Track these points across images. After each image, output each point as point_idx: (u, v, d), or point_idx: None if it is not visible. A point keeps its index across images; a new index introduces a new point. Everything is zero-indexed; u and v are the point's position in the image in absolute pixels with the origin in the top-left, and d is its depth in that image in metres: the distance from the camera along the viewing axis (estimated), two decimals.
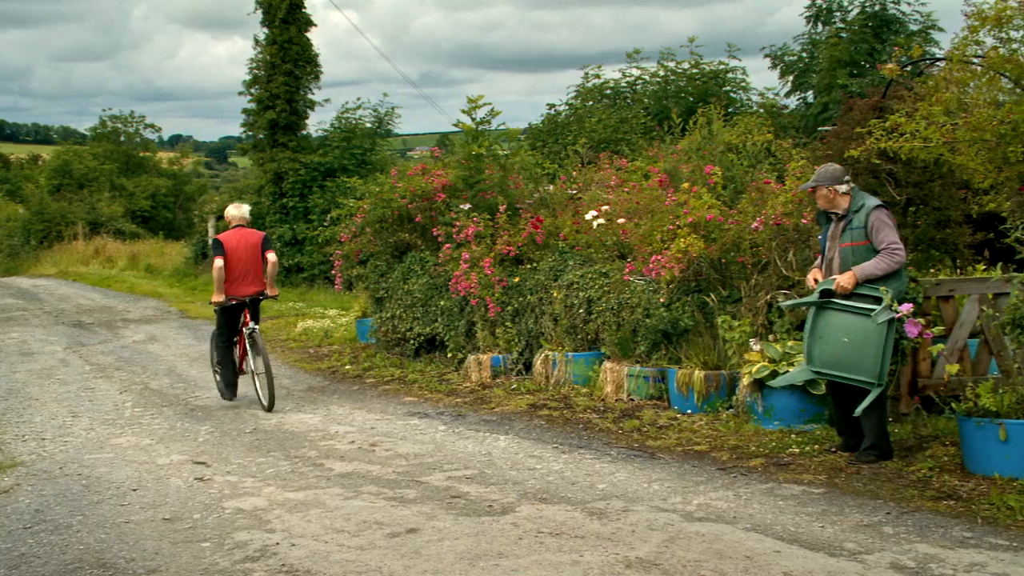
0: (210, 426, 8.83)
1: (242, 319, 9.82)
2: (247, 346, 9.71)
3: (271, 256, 9.78)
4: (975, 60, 6.87)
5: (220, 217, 26.20)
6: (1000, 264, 8.15)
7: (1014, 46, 6.63)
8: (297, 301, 19.04)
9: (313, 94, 23.74)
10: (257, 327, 9.66)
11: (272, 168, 23.05)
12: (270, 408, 9.39)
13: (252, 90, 23.50)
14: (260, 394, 9.63)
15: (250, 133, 24.24)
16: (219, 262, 9.62)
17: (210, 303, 9.91)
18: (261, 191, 23.90)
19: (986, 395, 6.46)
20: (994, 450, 6.31)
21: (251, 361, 9.73)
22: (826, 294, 6.80)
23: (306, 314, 16.84)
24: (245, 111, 23.89)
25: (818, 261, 7.22)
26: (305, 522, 5.91)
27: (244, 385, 10.12)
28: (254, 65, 23.45)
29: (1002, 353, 7.54)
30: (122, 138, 43.88)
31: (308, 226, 21.74)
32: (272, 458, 7.61)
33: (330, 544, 5.48)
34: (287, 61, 22.88)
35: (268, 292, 9.83)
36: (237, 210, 10.10)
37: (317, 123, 35.75)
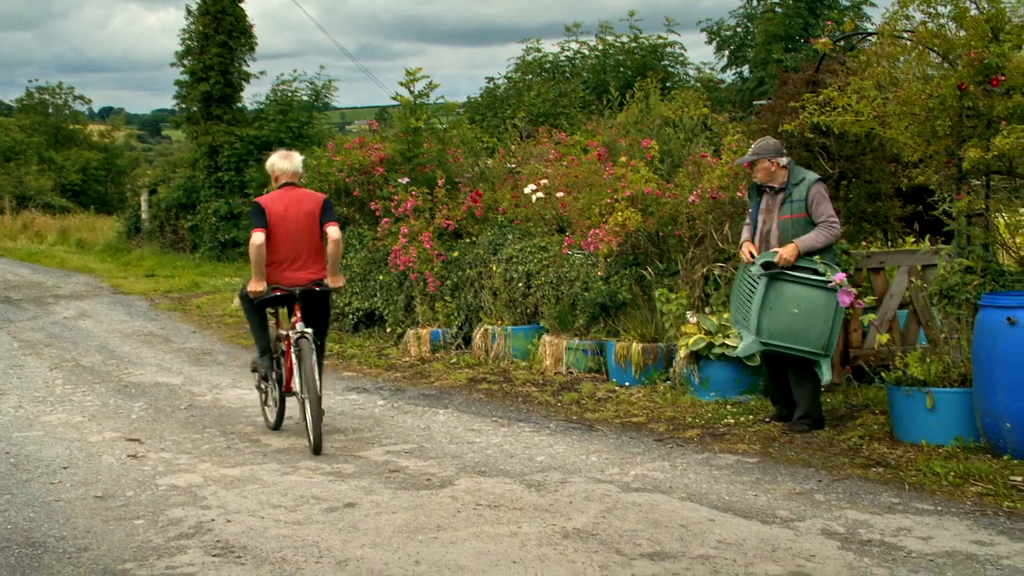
0: (144, 403, 8.69)
1: (288, 319, 7.38)
2: (293, 357, 7.01)
3: (333, 231, 7.09)
4: (905, 35, 6.98)
5: (153, 191, 25.81)
6: (928, 236, 8.32)
7: (942, 21, 6.74)
8: (233, 276, 18.78)
9: (248, 66, 23.40)
10: (309, 331, 6.97)
11: (207, 141, 22.68)
12: (316, 451, 6.76)
13: (185, 61, 23.07)
14: (309, 431, 6.88)
15: (183, 106, 23.83)
16: (259, 236, 6.95)
17: (244, 293, 7.30)
18: (195, 165, 23.53)
19: (914, 364, 6.61)
20: (921, 418, 6.46)
21: (295, 376, 7.00)
22: (766, 267, 6.88)
23: None
24: (178, 83, 23.47)
25: (747, 234, 7.25)
26: (241, 498, 5.85)
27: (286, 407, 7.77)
28: (187, 36, 23.03)
29: (930, 323, 7.72)
30: (50, 110, 42.82)
31: (245, 200, 21.45)
32: (208, 434, 7.51)
33: (266, 520, 5.44)
34: (221, 32, 22.48)
35: (329, 281, 7.20)
36: (286, 161, 7.31)
37: (252, 96, 35.30)
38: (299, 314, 7.09)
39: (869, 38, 8.59)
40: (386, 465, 6.54)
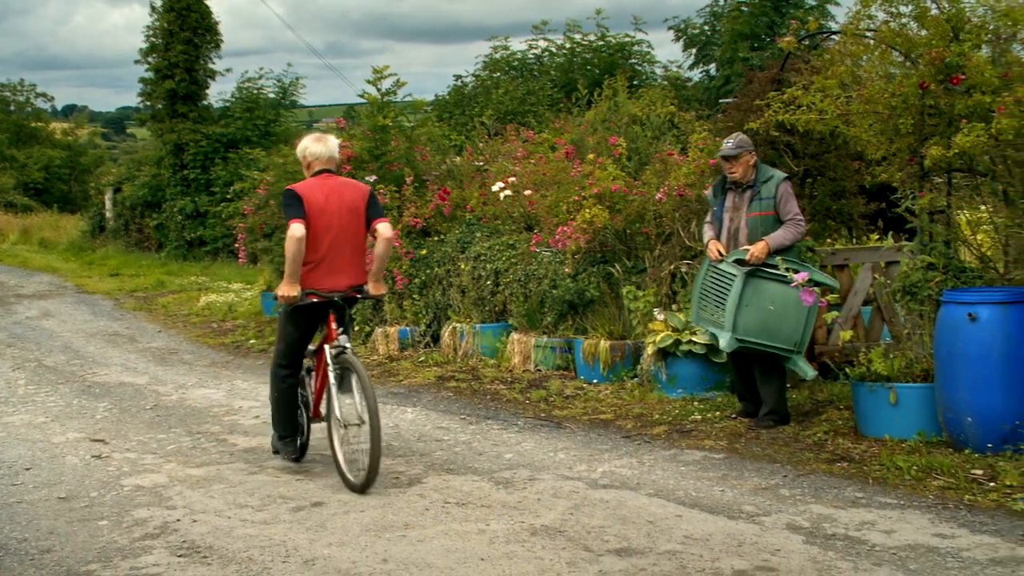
0: (108, 403, 8.60)
1: (322, 330, 6.26)
2: (331, 376, 5.97)
3: (386, 228, 6.11)
4: (868, 34, 7.05)
5: (118, 189, 25.55)
6: (892, 233, 8.42)
7: (903, 20, 6.81)
8: (200, 275, 18.64)
9: (214, 63, 23.25)
10: (350, 346, 6.05)
11: (172, 139, 22.49)
12: (365, 487, 5.78)
13: (149, 59, 22.87)
14: (341, 458, 5.98)
15: (148, 103, 23.62)
16: (300, 228, 5.85)
17: (275, 298, 6.33)
18: (161, 163, 23.32)
19: (878, 360, 6.68)
20: (885, 413, 6.53)
21: (336, 402, 5.95)
22: (738, 264, 6.92)
23: (209, 288, 16.48)
24: (143, 80, 23.25)
25: (712, 232, 7.27)
26: (207, 498, 5.81)
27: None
28: (151, 33, 22.83)
29: (893, 319, 7.81)
30: (12, 107, 42.22)
31: (211, 199, 21.30)
32: (173, 434, 7.45)
33: (233, 519, 5.40)
34: (186, 29, 22.30)
35: (371, 288, 6.18)
36: (320, 145, 6.24)
37: (218, 93, 35.00)
38: (336, 325, 6.07)
39: (833, 37, 8.67)
40: (354, 464, 6.50)
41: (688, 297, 8.42)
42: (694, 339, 7.88)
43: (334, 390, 5.96)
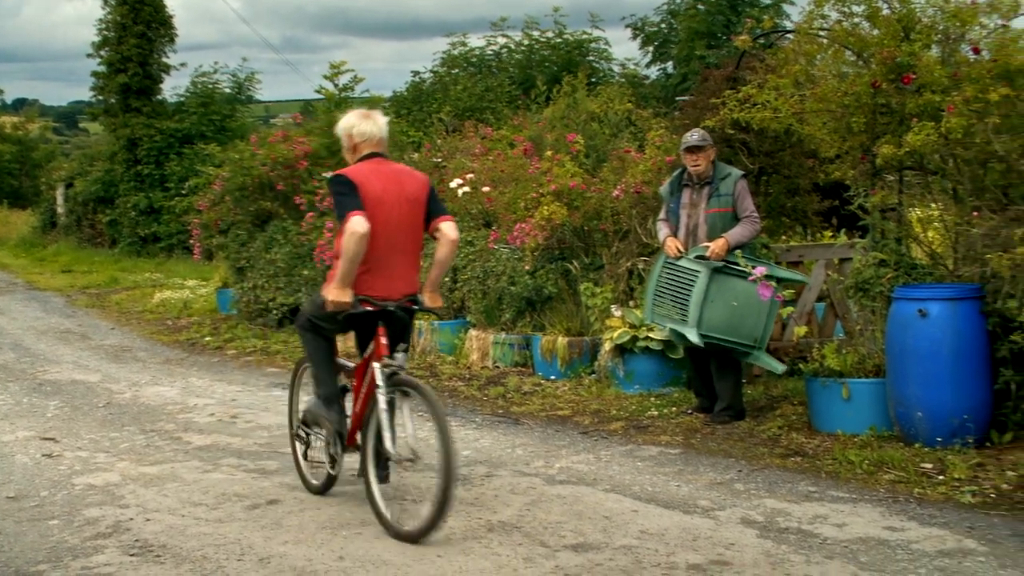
0: (60, 401, 8.47)
1: (370, 345, 5.24)
2: (380, 401, 4.97)
3: (450, 228, 5.21)
4: (821, 33, 7.13)
5: (70, 185, 25.16)
6: (845, 230, 8.52)
7: (856, 20, 6.89)
8: (154, 272, 18.43)
9: (168, 57, 23.00)
10: (406, 365, 5.17)
11: (125, 134, 22.21)
12: (421, 535, 4.83)
13: (102, 52, 22.57)
14: (380, 499, 5.10)
15: (101, 98, 23.30)
16: (364, 222, 4.87)
17: (323, 302, 5.11)
18: (114, 158, 23.02)
19: (831, 356, 6.76)
20: (838, 408, 6.62)
21: (387, 433, 4.92)
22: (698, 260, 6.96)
23: (164, 285, 16.31)
24: (95, 74, 22.93)
25: (668, 229, 7.29)
26: (161, 496, 5.74)
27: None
28: (103, 26, 22.52)
29: (846, 316, 7.92)
30: None
31: (165, 194, 21.06)
32: (127, 432, 7.36)
33: (187, 518, 5.35)
34: (139, 22, 22.02)
35: (428, 299, 5.26)
36: (369, 122, 5.31)
37: (173, 88, 34.49)
38: (387, 339, 5.13)
39: (787, 36, 8.75)
40: (310, 461, 6.47)
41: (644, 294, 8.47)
42: (651, 335, 7.92)
43: (383, 418, 4.93)
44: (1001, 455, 5.95)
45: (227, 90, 23.81)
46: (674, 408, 7.55)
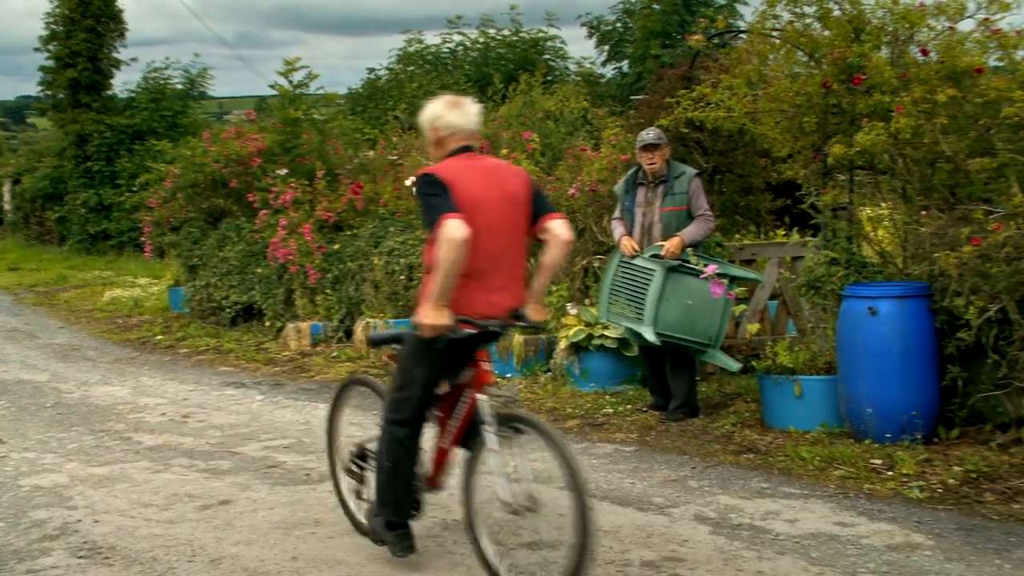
0: (6, 401, 8.31)
1: (466, 370, 4.47)
2: (489, 439, 4.29)
3: (560, 227, 4.44)
4: (774, 33, 7.19)
5: (17, 181, 24.70)
6: (797, 229, 8.61)
7: (807, 21, 6.96)
8: (104, 270, 18.15)
9: (118, 52, 22.65)
10: (517, 396, 4.67)
11: (75, 130, 21.84)
12: None
13: (50, 46, 22.18)
14: (493, 556, 4.35)
15: (49, 92, 22.90)
16: (462, 227, 4.10)
17: (416, 326, 4.29)
18: (63, 154, 22.65)
19: (783, 353, 6.83)
20: (790, 405, 6.69)
21: (502, 479, 4.28)
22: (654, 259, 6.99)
23: (114, 283, 16.07)
24: (43, 69, 22.54)
25: (622, 228, 7.32)
26: (110, 497, 5.66)
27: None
28: (52, 20, 22.12)
29: (798, 313, 8.00)
30: None
31: (116, 191, 20.75)
32: (75, 433, 7.24)
33: (137, 519, 5.27)
34: (88, 16, 21.68)
35: (532, 312, 4.46)
36: (457, 112, 4.51)
37: (123, 83, 34.04)
38: (483, 363, 4.40)
39: (741, 36, 8.84)
40: (263, 461, 6.42)
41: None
42: (606, 333, 7.95)
43: (492, 460, 4.23)
44: (948, 451, 6.05)
45: (179, 86, 23.52)
46: (629, 406, 7.58)
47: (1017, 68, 6.42)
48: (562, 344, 8.22)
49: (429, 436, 4.59)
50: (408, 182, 9.49)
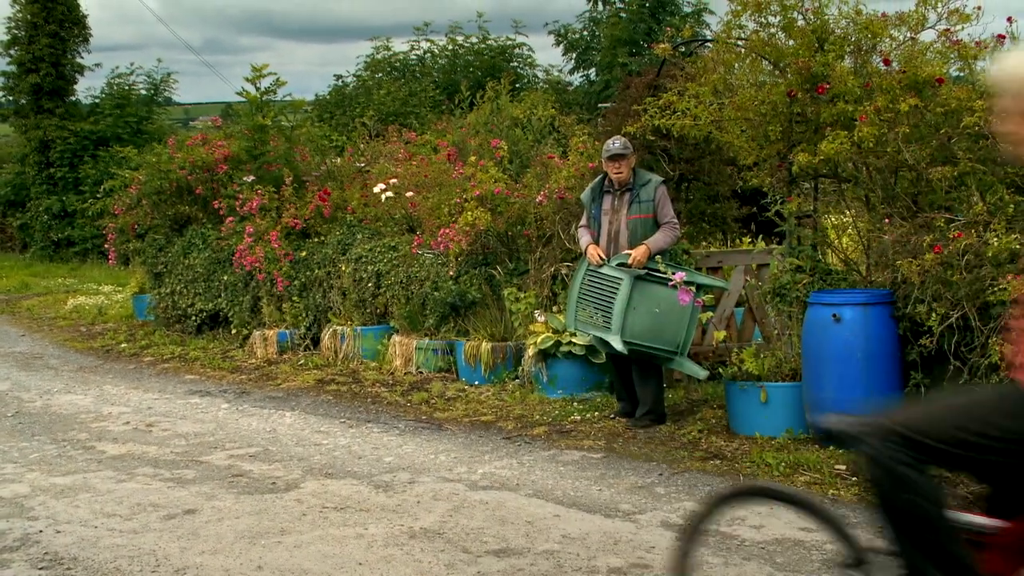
0: None
1: None
2: None
3: None
4: (739, 43, 7.26)
5: None
6: (763, 236, 8.68)
7: (772, 30, 7.04)
8: (68, 277, 17.94)
9: (82, 58, 22.48)
10: None
11: (37, 136, 21.62)
12: None
13: (11, 51, 21.95)
14: None
15: (11, 98, 22.67)
16: None
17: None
18: (25, 160, 22.40)
19: (749, 360, 6.88)
20: (756, 411, 6.73)
21: None
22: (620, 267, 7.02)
23: (78, 290, 15.90)
24: (4, 74, 22.34)
25: (588, 236, 7.32)
26: (72, 507, 5.58)
27: None
28: (13, 24, 21.89)
29: (764, 320, 8.06)
30: None
31: (79, 198, 20.53)
32: (37, 442, 7.14)
33: (100, 529, 5.21)
34: (51, 22, 21.48)
35: None
36: None
37: (87, 89, 33.76)
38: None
39: (707, 45, 8.90)
40: (229, 469, 6.37)
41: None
42: (574, 340, 7.96)
43: None
44: None
45: (143, 91, 23.34)
46: (597, 413, 7.60)
47: (977, 79, 6.52)
48: (530, 351, 8.23)
49: None
50: None
